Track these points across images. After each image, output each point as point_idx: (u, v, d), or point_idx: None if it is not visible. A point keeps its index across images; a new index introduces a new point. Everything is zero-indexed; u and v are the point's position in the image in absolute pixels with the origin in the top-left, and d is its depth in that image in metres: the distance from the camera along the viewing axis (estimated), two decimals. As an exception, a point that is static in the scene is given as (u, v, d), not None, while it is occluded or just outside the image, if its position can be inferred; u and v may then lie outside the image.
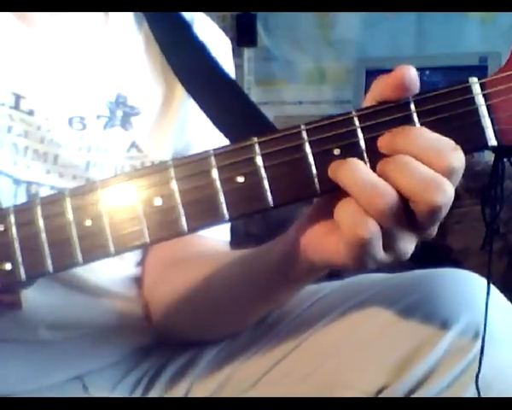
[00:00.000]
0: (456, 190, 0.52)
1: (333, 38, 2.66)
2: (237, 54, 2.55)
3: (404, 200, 0.51)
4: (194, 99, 0.74)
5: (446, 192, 0.50)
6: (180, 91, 0.78)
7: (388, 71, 0.51)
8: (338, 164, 0.52)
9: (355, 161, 0.52)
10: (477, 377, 0.60)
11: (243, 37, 2.64)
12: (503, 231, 1.63)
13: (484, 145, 0.52)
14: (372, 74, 2.71)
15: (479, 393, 0.60)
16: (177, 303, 0.76)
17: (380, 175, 0.52)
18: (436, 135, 0.52)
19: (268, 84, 2.70)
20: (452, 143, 0.51)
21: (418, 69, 0.52)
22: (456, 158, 0.51)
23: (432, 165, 0.50)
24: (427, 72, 2.26)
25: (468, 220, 1.72)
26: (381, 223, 0.51)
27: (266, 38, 2.72)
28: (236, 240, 0.84)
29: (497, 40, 2.29)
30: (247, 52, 2.69)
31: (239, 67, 2.58)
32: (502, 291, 0.67)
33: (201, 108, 0.73)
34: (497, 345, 0.63)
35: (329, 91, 2.68)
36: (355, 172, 0.51)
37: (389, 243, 0.53)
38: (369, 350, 0.67)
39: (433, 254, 1.17)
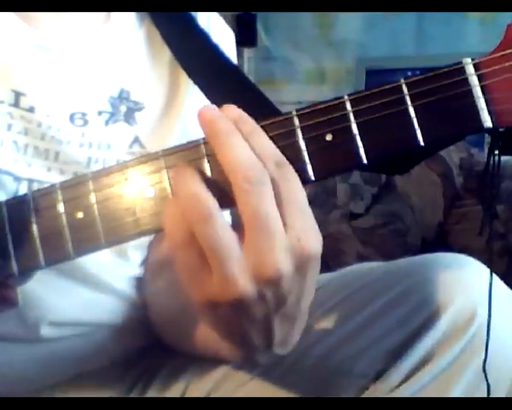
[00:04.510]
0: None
1: (333, 38, 2.67)
2: (237, 54, 2.54)
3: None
4: (200, 87, 0.73)
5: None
6: (183, 87, 0.78)
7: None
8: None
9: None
10: (484, 363, 0.60)
11: (243, 37, 2.64)
12: (503, 231, 1.63)
13: (479, 127, 0.50)
14: (372, 74, 2.72)
15: (487, 379, 0.61)
16: (169, 312, 0.76)
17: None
18: None
19: (268, 84, 2.70)
20: None
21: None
22: None
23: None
24: (427, 72, 2.26)
25: (468, 220, 1.72)
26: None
27: (266, 38, 2.72)
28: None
29: (497, 40, 2.28)
30: (247, 52, 2.69)
31: (239, 67, 2.58)
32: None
33: (207, 96, 0.72)
34: (497, 330, 0.63)
35: (329, 91, 2.68)
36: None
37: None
38: (367, 335, 0.67)
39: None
